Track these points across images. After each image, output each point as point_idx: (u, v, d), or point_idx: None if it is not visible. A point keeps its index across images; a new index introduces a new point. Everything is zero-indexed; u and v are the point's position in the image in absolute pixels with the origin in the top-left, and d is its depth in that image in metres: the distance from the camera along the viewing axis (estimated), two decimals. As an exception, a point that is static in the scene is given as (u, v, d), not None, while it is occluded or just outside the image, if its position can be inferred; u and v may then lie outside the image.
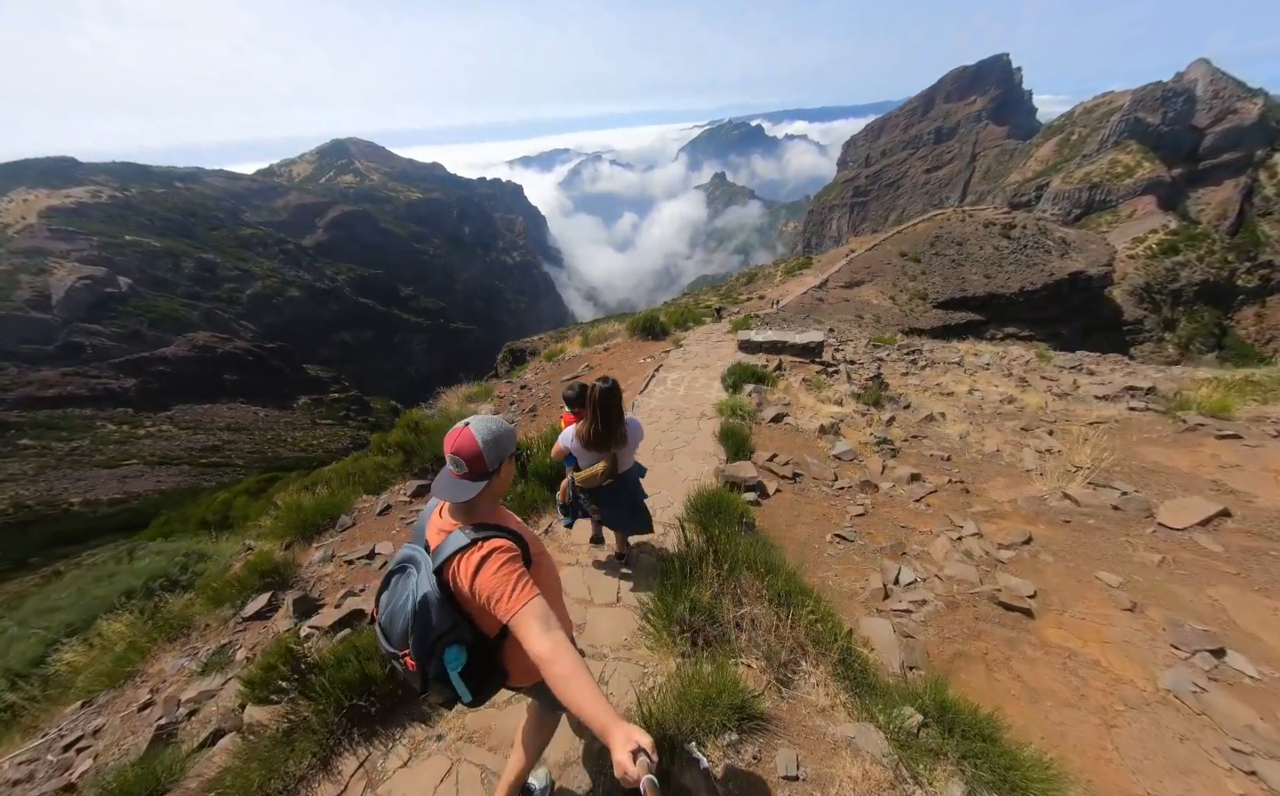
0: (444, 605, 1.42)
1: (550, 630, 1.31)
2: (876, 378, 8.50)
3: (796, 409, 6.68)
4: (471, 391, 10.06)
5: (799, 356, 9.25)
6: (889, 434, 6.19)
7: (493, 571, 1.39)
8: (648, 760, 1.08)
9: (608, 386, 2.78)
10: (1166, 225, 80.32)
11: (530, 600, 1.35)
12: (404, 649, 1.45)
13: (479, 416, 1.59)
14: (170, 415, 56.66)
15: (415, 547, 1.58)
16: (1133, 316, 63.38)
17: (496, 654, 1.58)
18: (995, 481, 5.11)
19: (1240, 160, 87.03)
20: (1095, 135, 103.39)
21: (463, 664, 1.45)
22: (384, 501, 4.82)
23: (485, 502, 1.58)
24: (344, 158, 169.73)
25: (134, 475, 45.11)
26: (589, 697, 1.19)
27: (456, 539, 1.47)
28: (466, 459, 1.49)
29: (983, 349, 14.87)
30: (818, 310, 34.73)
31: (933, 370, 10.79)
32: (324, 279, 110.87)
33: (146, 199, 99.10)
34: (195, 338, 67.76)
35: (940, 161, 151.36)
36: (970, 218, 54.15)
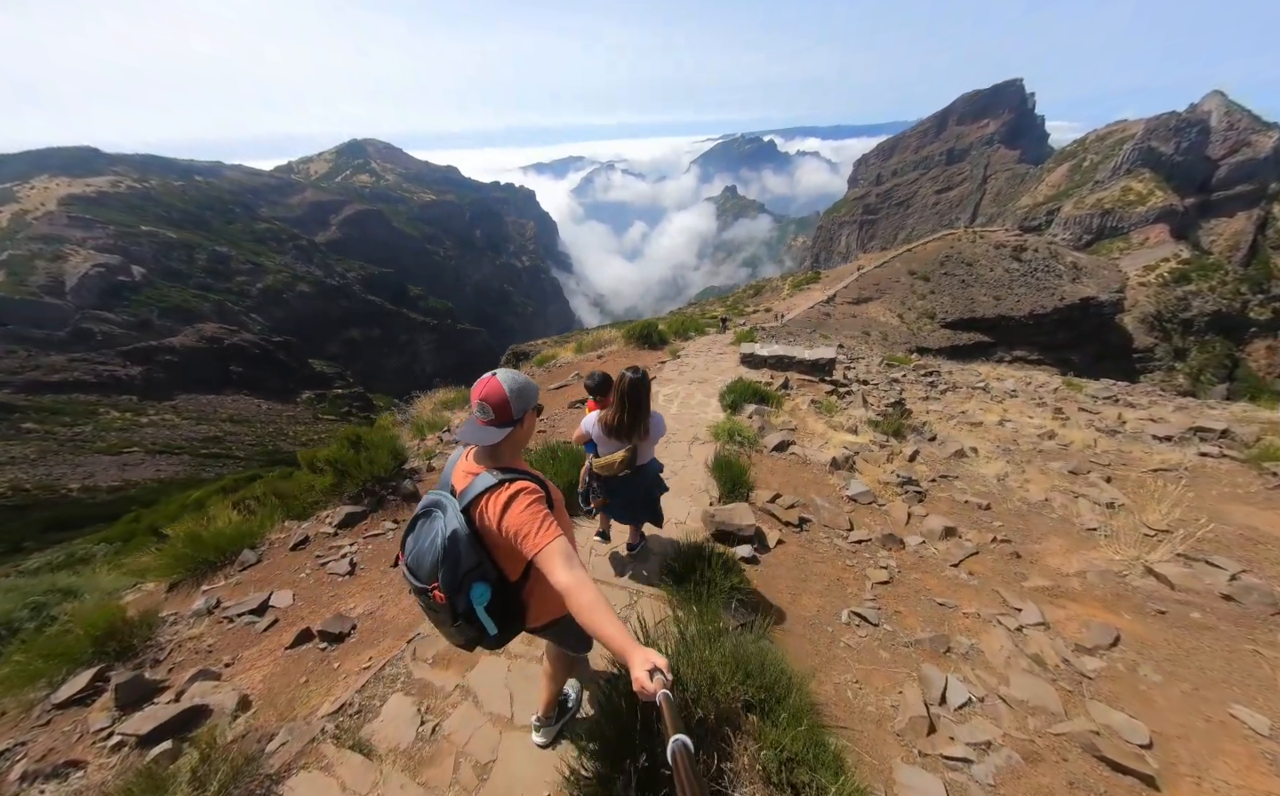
0: (472, 541, 1.51)
1: (574, 566, 1.38)
2: (898, 404, 7.69)
3: (804, 435, 5.86)
4: (448, 397, 9.22)
5: (807, 374, 8.43)
6: (913, 471, 5.32)
7: (520, 509, 1.47)
8: (663, 677, 1.17)
9: (638, 376, 2.79)
10: (1179, 254, 79.58)
11: (556, 537, 1.42)
12: (433, 582, 1.51)
13: (505, 369, 1.68)
14: (174, 404, 56.88)
15: (441, 493, 1.65)
16: (1143, 344, 62.55)
17: (518, 594, 1.67)
18: (1050, 542, 4.18)
19: (1254, 193, 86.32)
20: (1107, 162, 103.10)
21: (488, 599, 1.54)
22: (305, 531, 4.10)
23: (509, 449, 1.66)
24: (360, 158, 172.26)
25: (134, 463, 45.13)
26: (610, 624, 1.28)
27: (484, 479, 1.55)
28: (494, 406, 1.57)
29: (1005, 373, 13.96)
30: (824, 325, 34.45)
31: (955, 395, 9.92)
32: (334, 275, 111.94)
33: (165, 190, 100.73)
34: (203, 328, 68.31)
35: (951, 183, 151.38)
36: (981, 239, 53.85)
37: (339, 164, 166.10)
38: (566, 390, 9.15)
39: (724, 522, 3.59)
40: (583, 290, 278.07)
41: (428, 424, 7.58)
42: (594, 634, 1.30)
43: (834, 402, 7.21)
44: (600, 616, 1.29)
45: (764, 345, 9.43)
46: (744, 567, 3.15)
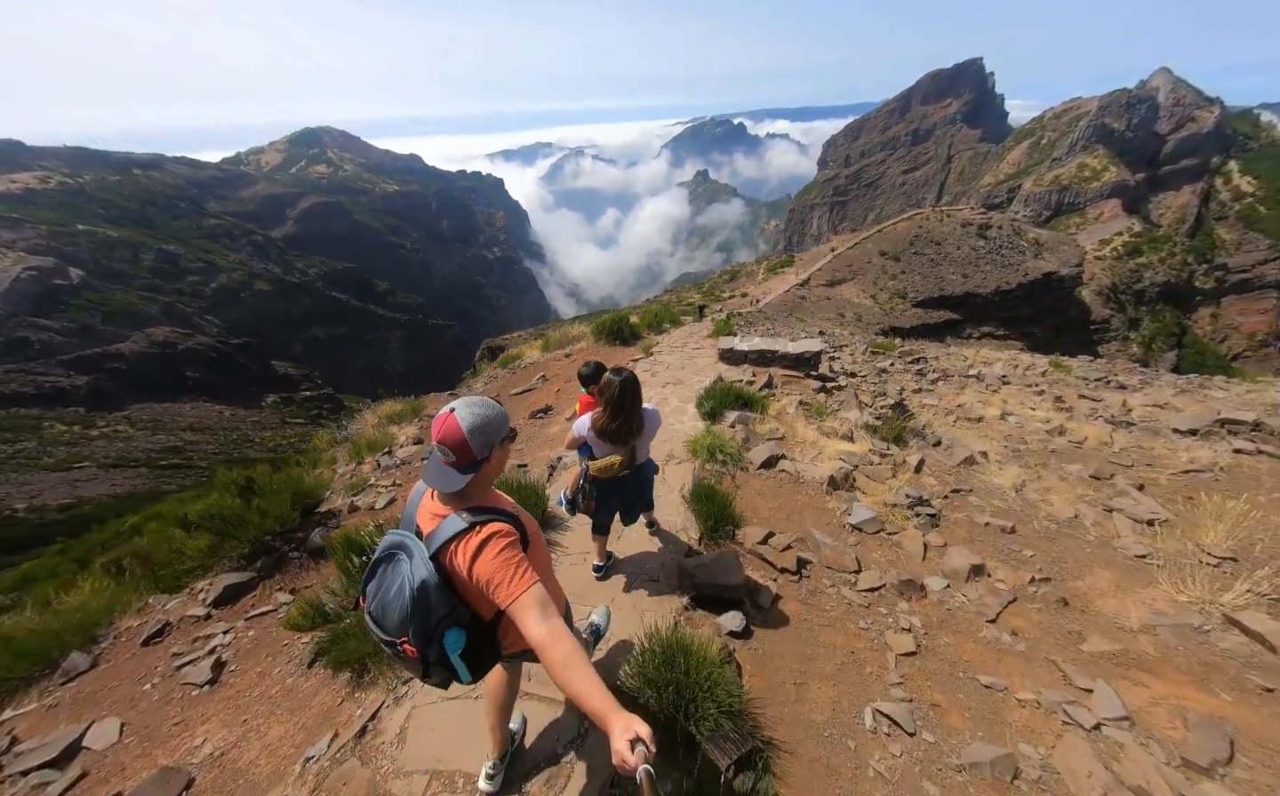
0: (442, 590, 1.42)
1: (548, 617, 1.32)
2: (898, 405, 6.87)
3: (794, 445, 5.18)
4: (395, 409, 8.17)
5: (792, 369, 7.78)
6: (922, 487, 4.63)
7: (492, 557, 1.38)
8: (645, 749, 1.10)
9: (624, 378, 2.70)
10: (1131, 227, 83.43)
11: (529, 587, 1.35)
12: (402, 636, 1.42)
13: (465, 399, 1.53)
14: (126, 415, 53.37)
15: (404, 534, 1.53)
16: (1100, 316, 65.53)
17: (494, 632, 1.59)
18: (1096, 576, 3.53)
19: (1198, 166, 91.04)
20: (1064, 139, 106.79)
21: (463, 645, 1.47)
22: (169, 612, 3.15)
23: (477, 487, 1.54)
24: (316, 147, 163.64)
25: (86, 478, 42.13)
26: (587, 684, 1.18)
27: (453, 523, 1.45)
28: (453, 448, 1.45)
29: (991, 355, 13.44)
30: (800, 308, 34.67)
31: (948, 386, 9.22)
32: (294, 272, 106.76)
33: (101, 186, 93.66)
34: (154, 333, 64.14)
35: (917, 163, 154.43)
36: (948, 217, 55.04)
37: (293, 154, 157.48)
38: (530, 396, 8.34)
39: (706, 581, 2.87)
40: (557, 280, 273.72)
41: (368, 444, 6.69)
42: (569, 694, 1.20)
43: (824, 403, 6.55)
44: (574, 675, 1.19)
45: (744, 339, 8.61)
46: (734, 645, 2.50)
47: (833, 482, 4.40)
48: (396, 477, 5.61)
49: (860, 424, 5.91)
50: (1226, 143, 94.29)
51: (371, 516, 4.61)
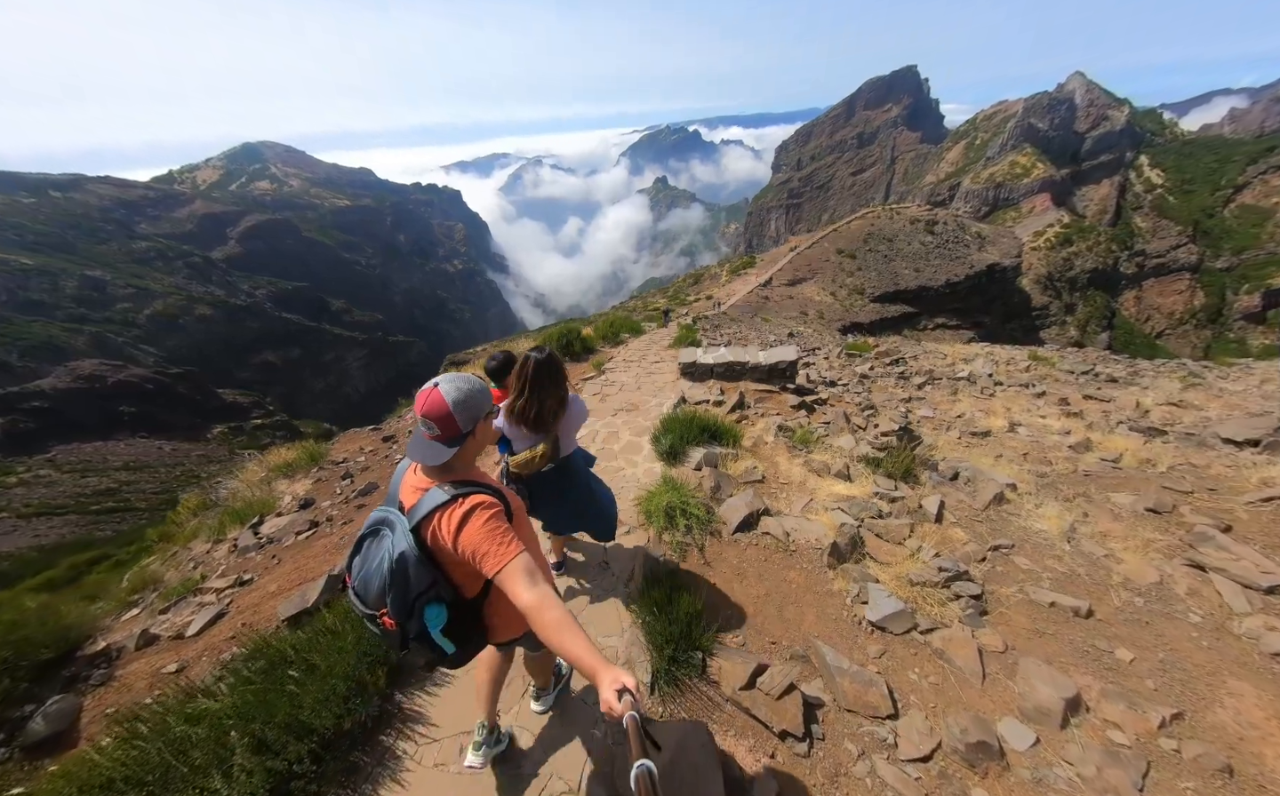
0: (422, 563, 1.42)
1: (537, 582, 1.32)
2: (904, 431, 5.76)
3: (778, 489, 4.21)
4: (289, 458, 6.84)
5: (765, 382, 6.84)
6: (951, 546, 3.56)
7: (478, 526, 1.38)
8: (631, 698, 1.16)
9: (544, 356, 2.44)
10: (1061, 219, 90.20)
11: (517, 554, 1.35)
12: (381, 608, 1.43)
13: (449, 375, 1.54)
14: (50, 458, 48.57)
15: (388, 509, 1.54)
16: (1039, 303, 70.41)
17: (478, 611, 1.58)
18: (1238, 700, 2.39)
19: (1114, 161, 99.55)
20: (995, 139, 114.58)
21: (444, 621, 1.46)
22: None
23: (461, 462, 1.55)
24: (257, 162, 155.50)
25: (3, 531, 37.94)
26: (577, 644, 1.22)
27: (435, 495, 1.45)
28: (437, 421, 1.46)
29: (970, 351, 12.96)
30: (764, 308, 35.45)
31: (936, 390, 8.46)
32: (239, 294, 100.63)
33: (13, 210, 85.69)
34: (78, 366, 58.76)
35: (864, 165, 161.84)
36: (898, 215, 57.82)
37: (232, 171, 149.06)
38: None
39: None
40: (522, 291, 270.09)
41: (238, 511, 5.41)
42: (561, 654, 1.25)
43: (808, 428, 5.48)
44: (566, 635, 1.23)
45: (708, 350, 7.61)
46: None
47: (836, 553, 3.30)
48: (248, 568, 4.24)
49: (856, 454, 4.90)
50: (1137, 139, 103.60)
51: (177, 652, 3.15)
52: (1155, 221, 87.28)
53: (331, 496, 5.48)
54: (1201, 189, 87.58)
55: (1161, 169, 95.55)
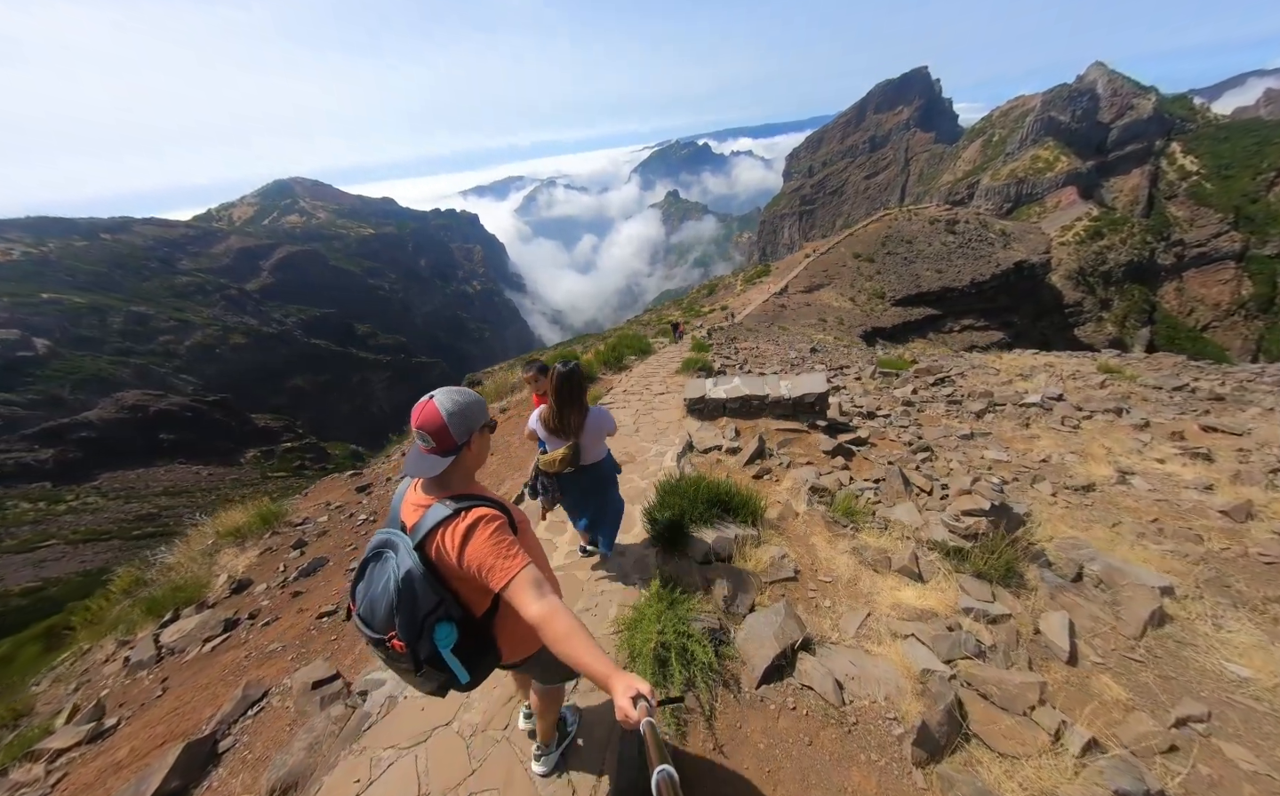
0: (429, 580, 1.39)
1: (544, 594, 1.31)
2: (999, 509, 3.91)
3: (820, 598, 2.96)
4: (239, 521, 6.05)
5: (789, 419, 5.58)
6: (1112, 718, 2.21)
7: (482, 539, 1.36)
8: (647, 704, 1.14)
9: (567, 370, 2.73)
10: (1090, 212, 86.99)
11: (523, 566, 1.34)
12: (389, 631, 1.39)
13: (446, 388, 1.56)
14: (96, 485, 51.06)
15: (390, 531, 1.51)
16: (1072, 299, 67.64)
17: (487, 629, 1.54)
18: None
19: (1142, 150, 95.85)
20: (1014, 135, 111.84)
21: (454, 640, 1.41)
22: None
23: (459, 477, 1.54)
24: (288, 198, 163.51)
25: (52, 557, 39.70)
26: (588, 652, 1.21)
27: (438, 511, 1.43)
28: (432, 433, 1.45)
29: (1026, 363, 11.04)
30: (781, 317, 34.92)
31: (1001, 419, 6.99)
32: (271, 323, 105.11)
33: (67, 253, 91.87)
34: (123, 398, 62.02)
35: (877, 168, 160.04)
36: (915, 216, 56.65)
37: (265, 206, 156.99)
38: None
39: None
40: (539, 309, 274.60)
41: (167, 594, 4.72)
42: (572, 664, 1.22)
43: (851, 491, 4.11)
44: (577, 645, 1.21)
45: (720, 380, 6.28)
46: None
47: (924, 738, 1.98)
48: (127, 698, 3.48)
49: (926, 537, 3.48)
50: (1167, 126, 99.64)
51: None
52: (1193, 209, 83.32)
53: (272, 576, 4.85)
54: (1241, 174, 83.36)
55: (1196, 155, 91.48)
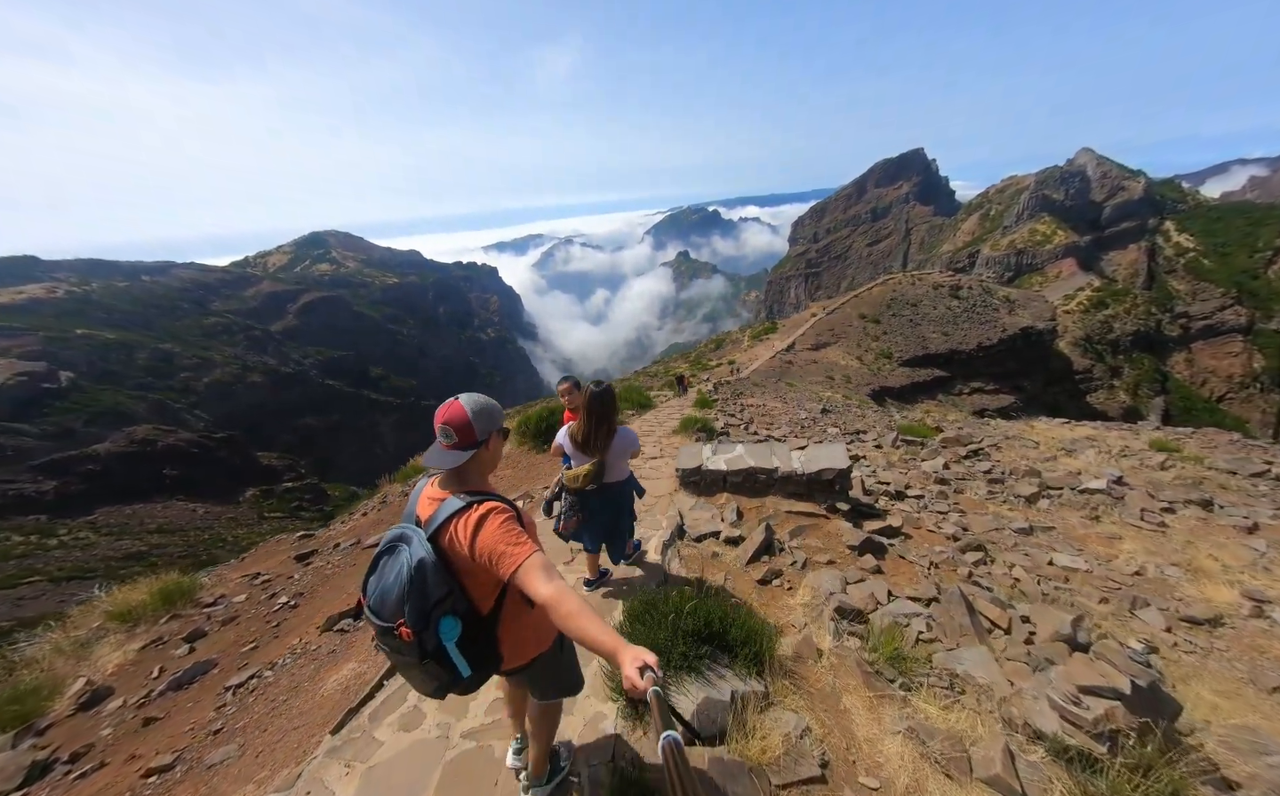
0: (440, 570, 1.46)
1: (553, 577, 1.37)
2: (1142, 697, 2.42)
3: None
4: (134, 600, 5.24)
5: (803, 499, 4.72)
6: None
7: (493, 528, 1.45)
8: (653, 674, 1.19)
9: (601, 390, 2.82)
10: (1091, 283, 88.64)
11: (531, 553, 1.40)
12: (398, 618, 1.45)
13: (470, 393, 1.67)
14: (92, 519, 50.42)
15: (405, 525, 1.59)
16: (1081, 366, 67.47)
17: (492, 630, 1.59)
18: None
19: (1137, 227, 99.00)
20: (1010, 210, 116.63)
21: (458, 634, 1.48)
22: None
23: (475, 473, 1.64)
24: (321, 248, 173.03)
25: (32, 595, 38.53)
26: (595, 627, 1.27)
27: (452, 503, 1.52)
28: (456, 428, 1.56)
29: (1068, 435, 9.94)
30: (788, 373, 35.09)
31: (1057, 506, 6.02)
32: (290, 363, 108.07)
33: (107, 292, 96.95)
34: (134, 432, 62.75)
35: (880, 236, 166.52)
36: (920, 281, 58.04)
37: (299, 255, 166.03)
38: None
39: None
40: (550, 357, 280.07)
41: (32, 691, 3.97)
42: (580, 640, 1.29)
43: (890, 613, 3.18)
44: (585, 621, 1.28)
45: (721, 445, 5.42)
46: None
47: None
48: None
49: (1018, 718, 2.40)
50: (1157, 207, 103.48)
51: None
52: (1194, 283, 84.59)
53: (138, 685, 4.07)
54: (1238, 251, 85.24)
55: (1190, 233, 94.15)
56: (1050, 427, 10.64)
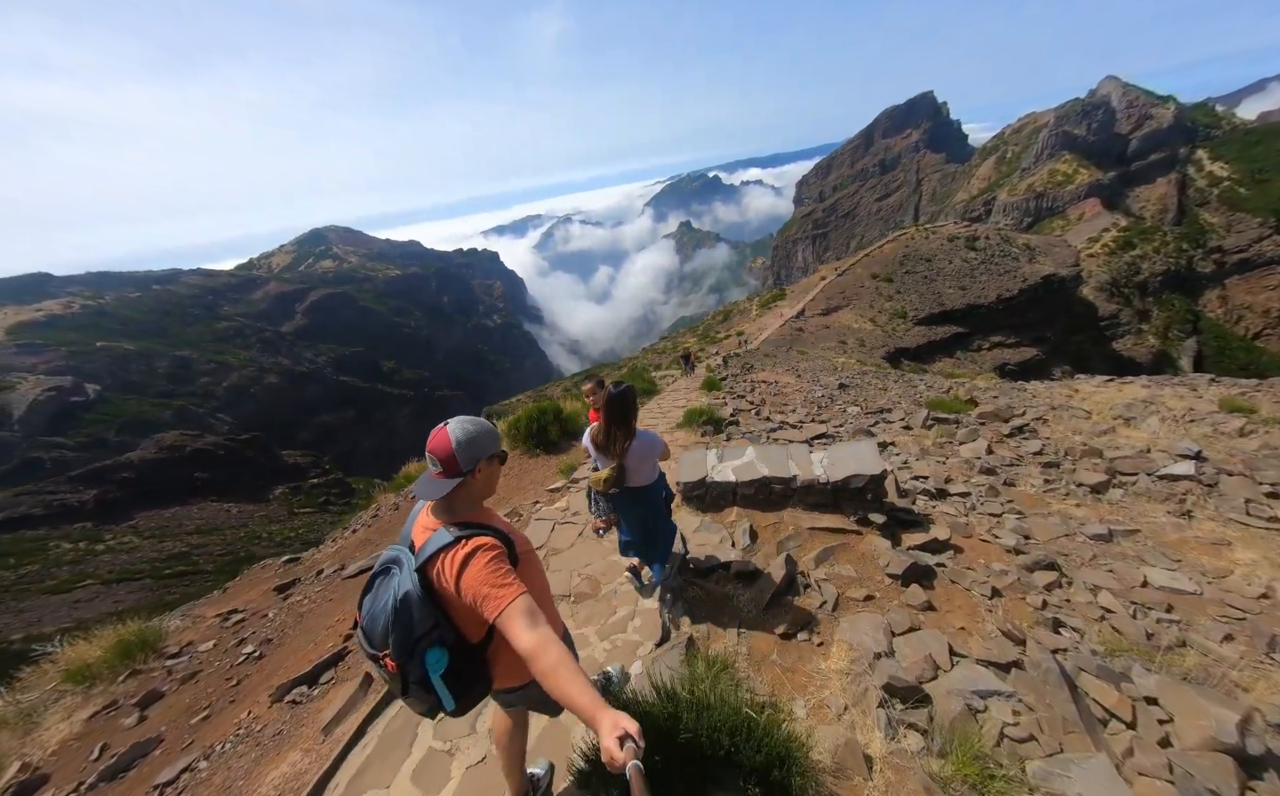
0: (425, 604, 1.42)
1: (536, 624, 1.31)
2: None
3: None
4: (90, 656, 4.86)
5: (829, 511, 3.90)
6: None
7: (478, 570, 1.39)
8: (634, 745, 1.09)
9: (619, 392, 2.76)
10: (1117, 223, 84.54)
11: (516, 596, 1.35)
12: (384, 650, 1.44)
13: (461, 417, 1.61)
14: (133, 524, 52.77)
15: (400, 548, 1.58)
16: (1107, 311, 65.02)
17: (481, 658, 1.55)
18: None
19: (1166, 159, 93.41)
20: (1028, 151, 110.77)
21: (444, 666, 1.44)
22: None
23: (464, 502, 1.58)
24: (322, 245, 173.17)
25: (87, 597, 40.73)
26: (575, 687, 1.19)
27: (440, 536, 1.48)
28: (440, 459, 1.53)
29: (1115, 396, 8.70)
30: (799, 341, 34.36)
31: (1132, 497, 4.95)
32: (303, 362, 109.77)
33: (121, 304, 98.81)
34: (163, 438, 64.79)
35: (889, 189, 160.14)
36: (933, 234, 55.92)
37: (301, 254, 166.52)
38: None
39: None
40: (557, 339, 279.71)
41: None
42: (558, 698, 1.20)
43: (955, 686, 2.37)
44: (564, 678, 1.20)
45: (728, 454, 4.44)
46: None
47: None
48: None
49: None
50: (1189, 134, 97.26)
51: None
52: (1228, 215, 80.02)
53: (76, 771, 3.62)
54: (1278, 177, 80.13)
55: (1225, 161, 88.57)
56: (1097, 389, 9.39)
